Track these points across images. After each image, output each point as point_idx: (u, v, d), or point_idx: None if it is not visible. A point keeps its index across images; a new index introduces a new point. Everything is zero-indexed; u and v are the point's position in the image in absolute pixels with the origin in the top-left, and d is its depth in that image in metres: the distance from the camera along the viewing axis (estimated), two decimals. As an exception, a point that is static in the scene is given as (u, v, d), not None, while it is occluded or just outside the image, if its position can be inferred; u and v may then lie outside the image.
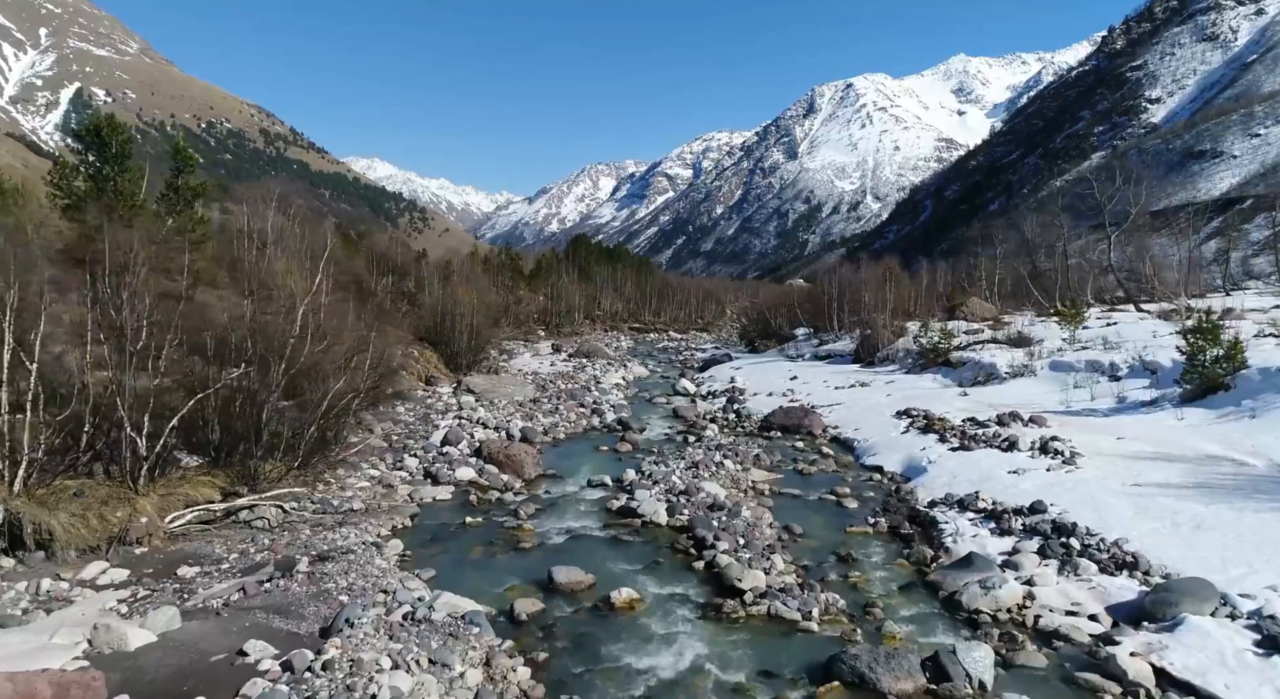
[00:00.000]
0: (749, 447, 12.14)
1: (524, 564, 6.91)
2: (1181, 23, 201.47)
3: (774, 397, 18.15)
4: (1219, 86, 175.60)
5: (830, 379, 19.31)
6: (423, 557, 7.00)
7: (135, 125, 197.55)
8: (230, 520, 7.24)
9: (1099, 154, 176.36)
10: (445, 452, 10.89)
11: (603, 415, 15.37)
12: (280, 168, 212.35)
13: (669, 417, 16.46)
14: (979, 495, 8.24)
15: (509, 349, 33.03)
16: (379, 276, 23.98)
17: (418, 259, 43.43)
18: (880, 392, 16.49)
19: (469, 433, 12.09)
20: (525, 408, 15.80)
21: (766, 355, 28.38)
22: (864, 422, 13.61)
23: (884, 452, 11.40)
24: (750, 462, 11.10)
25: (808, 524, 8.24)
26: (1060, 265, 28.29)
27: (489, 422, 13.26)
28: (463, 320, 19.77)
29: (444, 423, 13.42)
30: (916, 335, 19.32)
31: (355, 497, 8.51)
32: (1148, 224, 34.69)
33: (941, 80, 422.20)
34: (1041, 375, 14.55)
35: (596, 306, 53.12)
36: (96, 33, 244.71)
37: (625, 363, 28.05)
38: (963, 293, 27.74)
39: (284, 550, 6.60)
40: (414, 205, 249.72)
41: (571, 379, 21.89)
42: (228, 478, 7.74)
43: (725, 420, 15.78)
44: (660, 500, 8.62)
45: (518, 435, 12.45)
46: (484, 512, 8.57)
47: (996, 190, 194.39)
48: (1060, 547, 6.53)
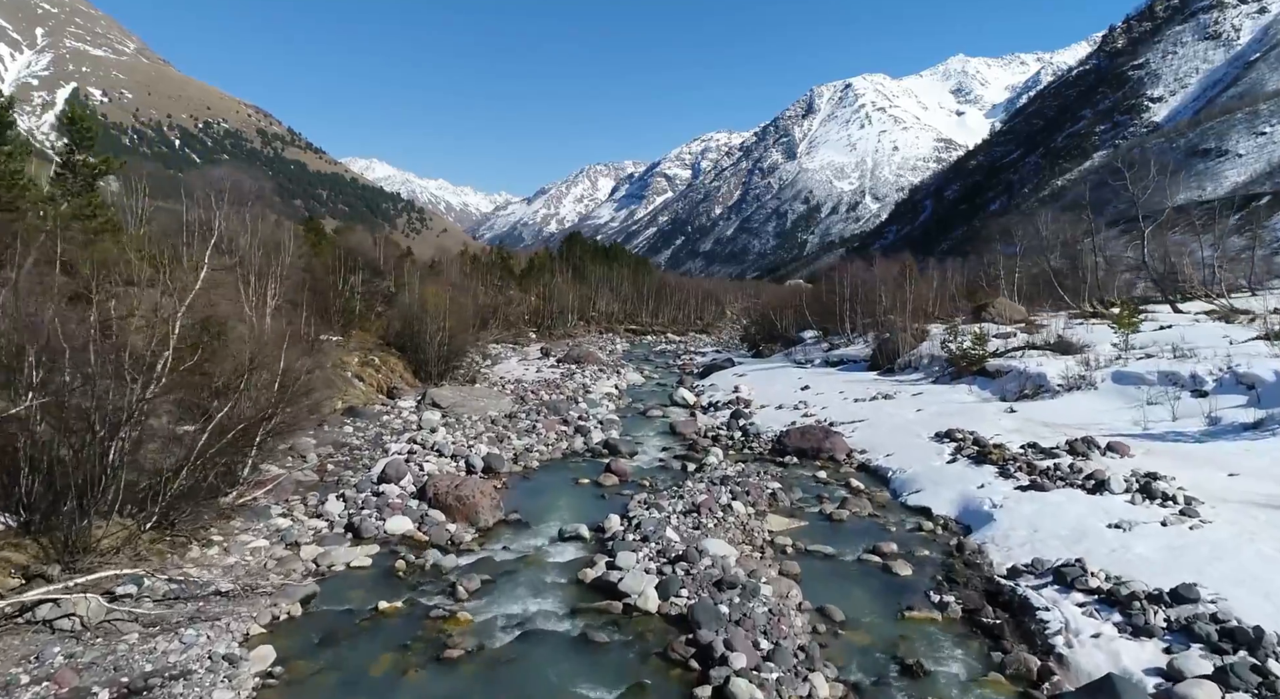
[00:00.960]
0: (761, 479, 9.93)
1: (444, 694, 4.67)
2: (1183, 21, 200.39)
3: (784, 410, 15.95)
4: (1222, 85, 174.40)
5: (847, 389, 17.11)
6: (297, 680, 4.76)
7: (132, 125, 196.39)
8: (23, 621, 4.97)
9: (1100, 153, 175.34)
10: (381, 491, 8.64)
11: (588, 435, 13.16)
12: (278, 168, 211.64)
13: (665, 434, 14.26)
14: (1084, 566, 6.02)
15: (495, 353, 30.83)
16: (347, 275, 21.75)
17: (402, 258, 41.21)
18: (908, 406, 14.28)
19: (418, 464, 9.83)
20: (498, 426, 13.57)
21: (772, 360, 26.17)
22: (896, 445, 11.41)
23: (929, 487, 9.19)
24: (765, 502, 8.89)
25: (850, 604, 6.04)
26: (1089, 263, 26.13)
27: (447, 446, 11.01)
28: (434, 324, 17.52)
29: (395, 448, 11.19)
30: (944, 340, 17.12)
31: (233, 568, 6.26)
32: (1168, 220, 32.64)
33: (940, 80, 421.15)
34: (1103, 389, 12.35)
35: (591, 307, 50.87)
36: (93, 32, 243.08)
37: (619, 368, 25.84)
38: (983, 292, 25.56)
39: (76, 679, 4.35)
40: (412, 206, 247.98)
41: (557, 388, 19.66)
42: (40, 549, 5.49)
43: (730, 440, 13.58)
44: (649, 571, 6.40)
45: (479, 465, 10.21)
46: (411, 587, 6.33)
47: (997, 190, 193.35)
48: (1253, 671, 4.31)
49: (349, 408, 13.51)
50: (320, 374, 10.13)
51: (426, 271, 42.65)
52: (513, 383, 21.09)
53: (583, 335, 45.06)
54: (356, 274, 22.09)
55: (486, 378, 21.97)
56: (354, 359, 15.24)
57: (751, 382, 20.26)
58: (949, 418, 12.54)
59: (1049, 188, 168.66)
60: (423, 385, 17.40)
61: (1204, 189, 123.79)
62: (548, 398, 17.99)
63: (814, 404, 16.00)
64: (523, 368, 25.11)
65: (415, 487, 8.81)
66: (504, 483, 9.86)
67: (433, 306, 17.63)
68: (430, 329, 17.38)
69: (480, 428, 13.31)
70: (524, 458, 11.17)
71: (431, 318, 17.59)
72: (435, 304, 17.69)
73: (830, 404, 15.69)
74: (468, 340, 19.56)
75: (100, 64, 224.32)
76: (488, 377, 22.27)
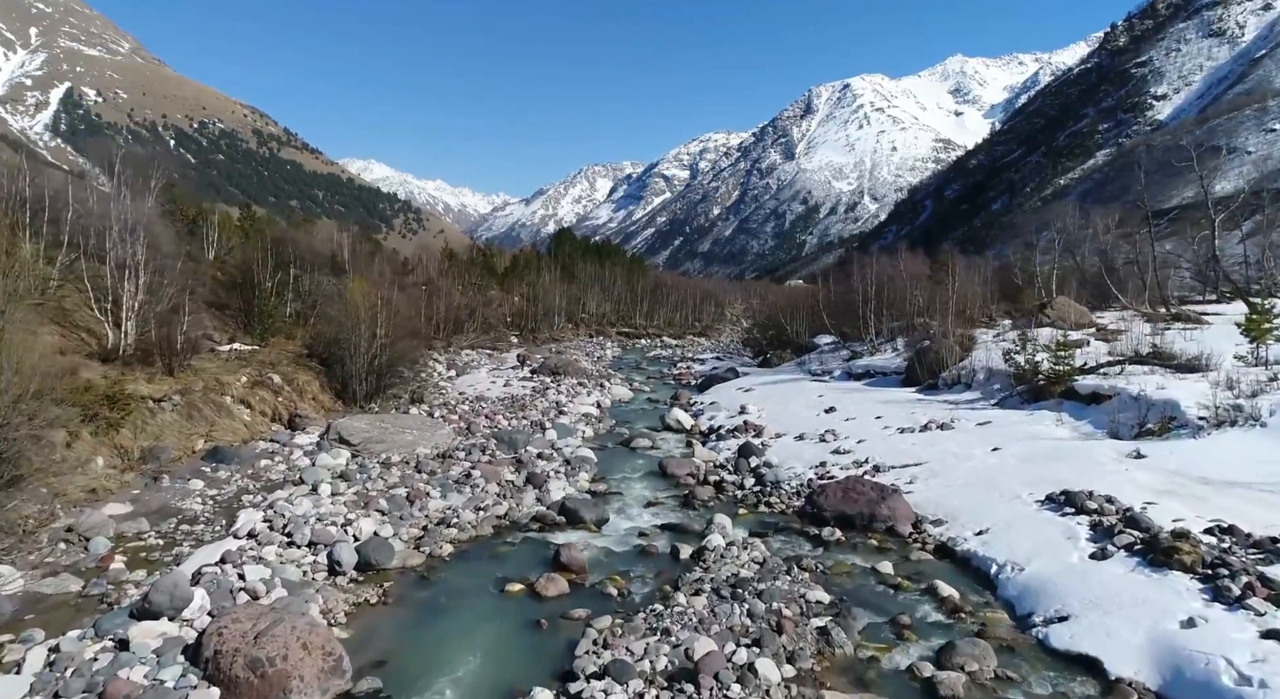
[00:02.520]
0: (795, 582, 6.24)
1: None
2: (1186, 18, 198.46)
3: (807, 442, 12.27)
4: (1227, 82, 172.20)
5: (885, 414, 13.41)
6: None
7: (126, 125, 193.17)
8: None
9: (1104, 151, 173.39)
10: (127, 639, 4.84)
11: (544, 485, 9.44)
12: (273, 168, 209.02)
13: (652, 476, 10.61)
14: None
15: (466, 362, 27.08)
16: (277, 271, 17.96)
17: (372, 254, 37.41)
18: (977, 442, 10.58)
19: (236, 568, 6.04)
20: (421, 474, 9.84)
21: (783, 371, 22.43)
22: (986, 511, 7.72)
23: (1082, 611, 5.47)
24: (811, 647, 5.17)
25: None
26: (1148, 258, 22.48)
27: (307, 523, 7.21)
28: (365, 331, 13.74)
29: (243, 519, 7.42)
30: (1009, 351, 13.39)
31: None
32: (1233, 211, 29.14)
33: (939, 81, 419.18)
34: (1274, 425, 8.67)
35: (581, 309, 47.08)
36: (88, 32, 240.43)
37: (603, 381, 22.12)
38: (1027, 292, 21.88)
39: None
40: (409, 206, 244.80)
41: (523, 410, 15.94)
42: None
43: (739, 490, 9.91)
44: None
45: (349, 560, 6.47)
46: None
47: (999, 189, 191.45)
48: None
49: (213, 449, 9.75)
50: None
51: (400, 270, 38.89)
52: (471, 400, 17.37)
53: (570, 339, 41.29)
54: (288, 270, 18.29)
55: (442, 394, 18.25)
56: (240, 379, 11.46)
57: (761, 399, 16.57)
58: (1046, 464, 8.87)
59: (1052, 186, 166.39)
60: (347, 409, 13.64)
61: (1214, 187, 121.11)
62: (506, 423, 14.25)
63: (845, 434, 12.31)
64: (491, 379, 21.37)
65: (198, 628, 5.01)
66: (384, 592, 6.12)
67: (366, 309, 13.85)
68: (358, 338, 13.59)
69: (394, 477, 9.56)
70: (433, 538, 7.40)
71: (363, 324, 13.81)
72: (368, 306, 13.88)
73: (868, 435, 12.00)
74: (412, 351, 15.72)
75: (95, 64, 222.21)
76: (443, 393, 18.54)
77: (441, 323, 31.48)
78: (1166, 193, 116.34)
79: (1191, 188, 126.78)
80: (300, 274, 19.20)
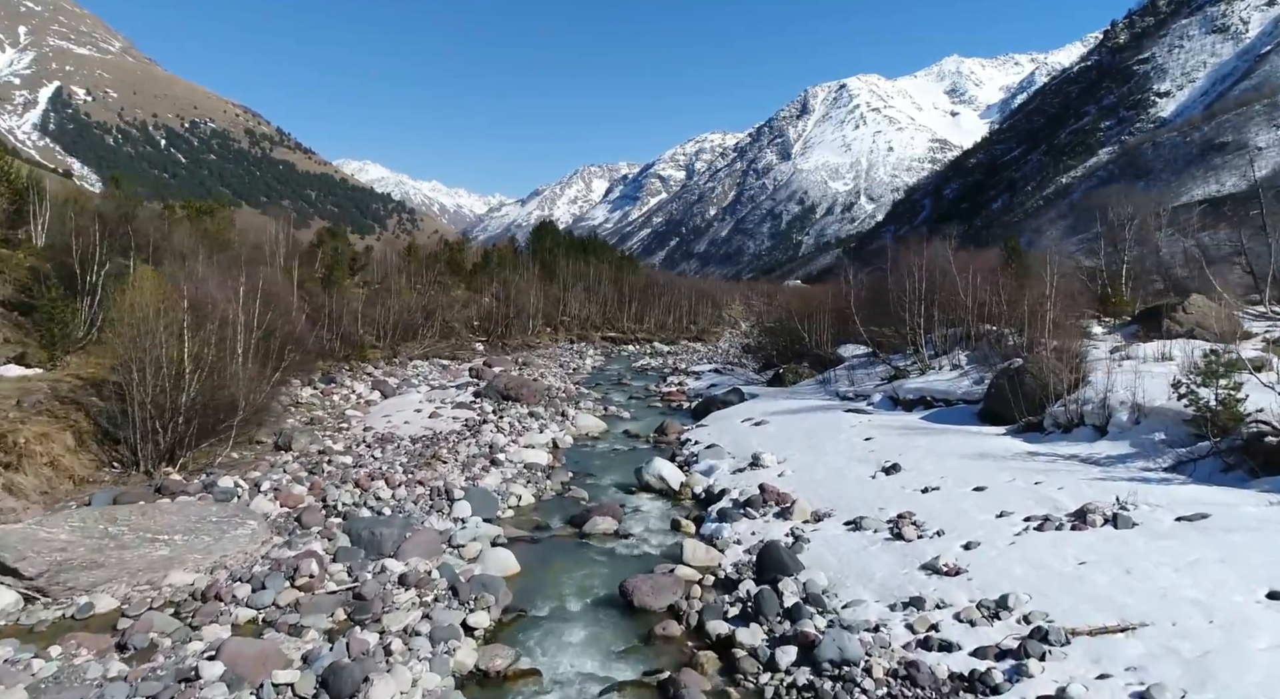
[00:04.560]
0: None
1: None
2: (1189, 14, 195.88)
3: (868, 535, 7.25)
4: (1232, 78, 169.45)
5: (982, 478, 8.35)
6: None
7: (116, 125, 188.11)
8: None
9: (1106, 149, 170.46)
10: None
11: (366, 689, 4.35)
12: (265, 168, 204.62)
13: (607, 611, 5.55)
14: None
15: (406, 377, 21.90)
16: (102, 262, 12.81)
17: (312, 248, 32.22)
18: (1229, 573, 5.55)
19: None
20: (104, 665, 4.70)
21: (801, 393, 17.28)
22: None
23: None
24: None
25: None
26: (1276, 251, 17.41)
27: None
28: (161, 349, 8.58)
29: None
30: (1188, 385, 8.30)
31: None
32: None
33: (935, 81, 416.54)
34: None
35: (562, 311, 41.91)
36: (78, 31, 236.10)
37: (570, 405, 17.00)
38: (1119, 294, 16.89)
39: None
40: (403, 207, 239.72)
41: (437, 458, 10.79)
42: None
43: (769, 675, 4.83)
44: None
45: None
46: None
47: (999, 188, 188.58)
48: None
49: None
50: None
51: (351, 265, 33.74)
52: (371, 443, 12.22)
53: (547, 346, 36.13)
54: (111, 262, 13.13)
55: (341, 432, 13.09)
56: None
57: (780, 440, 11.48)
58: None
59: (1054, 184, 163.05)
60: (123, 475, 8.46)
61: (1222, 185, 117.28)
62: (389, 492, 9.07)
63: (930, 522, 7.27)
64: (420, 405, 16.19)
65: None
66: None
67: (164, 315, 8.69)
68: (146, 360, 8.43)
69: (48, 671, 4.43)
70: None
71: (161, 337, 8.66)
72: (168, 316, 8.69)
73: (974, 529, 6.93)
74: (256, 388, 10.30)
75: (84, 63, 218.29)
76: (344, 429, 13.37)
77: (386, 329, 26.37)
78: (1176, 190, 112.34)
79: (1201, 185, 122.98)
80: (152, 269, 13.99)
